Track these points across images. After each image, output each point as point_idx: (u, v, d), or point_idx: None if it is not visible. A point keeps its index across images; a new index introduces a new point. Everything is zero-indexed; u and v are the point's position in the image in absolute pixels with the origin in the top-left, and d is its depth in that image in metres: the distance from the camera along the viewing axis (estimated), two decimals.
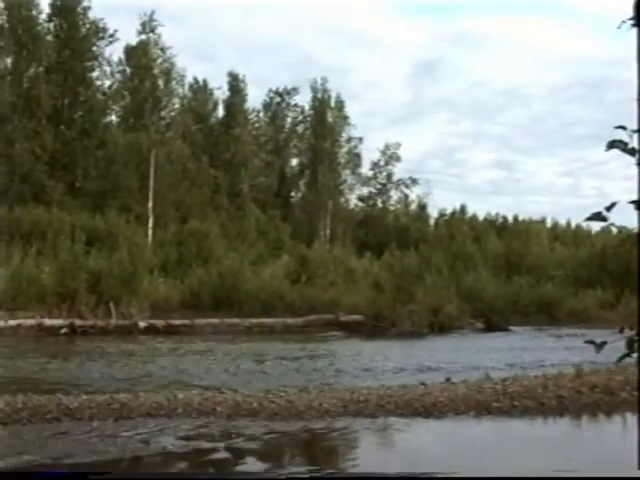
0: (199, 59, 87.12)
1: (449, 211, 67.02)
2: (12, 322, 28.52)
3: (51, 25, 53.64)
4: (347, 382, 18.62)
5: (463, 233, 56.34)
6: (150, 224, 46.71)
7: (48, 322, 28.97)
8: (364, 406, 14.31)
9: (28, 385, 17.06)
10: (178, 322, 30.94)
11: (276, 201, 60.02)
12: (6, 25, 51.29)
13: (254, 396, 14.94)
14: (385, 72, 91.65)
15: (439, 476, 9.99)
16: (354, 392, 15.32)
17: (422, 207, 66.97)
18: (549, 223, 67.68)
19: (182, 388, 16.42)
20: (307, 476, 10.17)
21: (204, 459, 11.34)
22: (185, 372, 20.57)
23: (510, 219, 66.47)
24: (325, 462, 11.71)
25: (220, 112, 62.54)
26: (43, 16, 53.14)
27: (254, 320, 32.02)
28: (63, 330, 28.65)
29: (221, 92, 61.90)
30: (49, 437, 12.06)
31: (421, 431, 13.37)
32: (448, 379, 17.33)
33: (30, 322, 28.78)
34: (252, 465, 11.11)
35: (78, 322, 29.28)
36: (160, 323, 30.34)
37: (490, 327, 34.12)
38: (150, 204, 47.86)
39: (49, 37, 53.33)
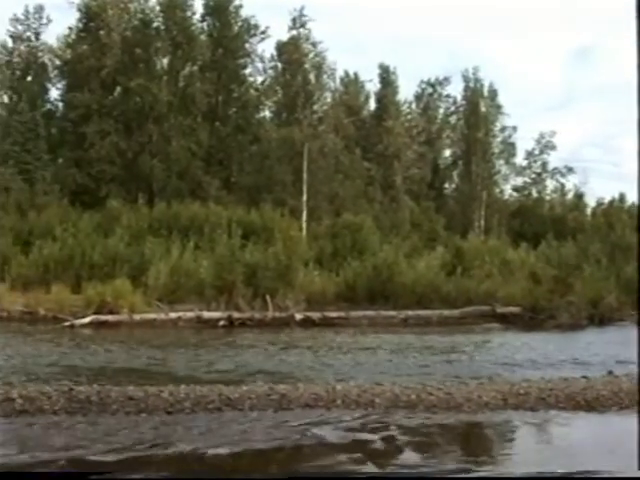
0: (350, 52, 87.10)
1: (607, 200, 65.21)
2: (172, 315, 29.20)
3: (204, 25, 54.72)
4: (505, 374, 18.33)
5: (622, 222, 54.60)
6: (304, 217, 47.08)
7: (207, 315, 29.52)
8: (524, 399, 14.06)
9: (190, 376, 17.39)
10: (334, 314, 31.04)
11: (429, 192, 59.69)
12: (162, 27, 52.62)
13: (412, 388, 14.84)
14: (539, 58, 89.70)
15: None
16: (514, 385, 15.09)
17: (579, 196, 65.35)
18: None
19: (339, 380, 16.45)
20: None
21: (362, 451, 11.29)
22: (342, 363, 20.62)
23: None
24: (482, 456, 11.50)
25: (372, 105, 62.60)
26: (197, 16, 54.34)
27: (410, 312, 31.86)
28: (221, 322, 29.15)
29: (372, 84, 61.97)
30: (211, 426, 12.23)
31: (583, 426, 13.03)
32: (610, 372, 16.85)
33: (189, 315, 29.39)
34: (408, 457, 11.00)
35: (236, 314, 29.73)
36: (316, 315, 30.51)
37: None
38: (304, 197, 48.23)
39: (203, 36, 54.39)
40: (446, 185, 65.17)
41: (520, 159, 64.14)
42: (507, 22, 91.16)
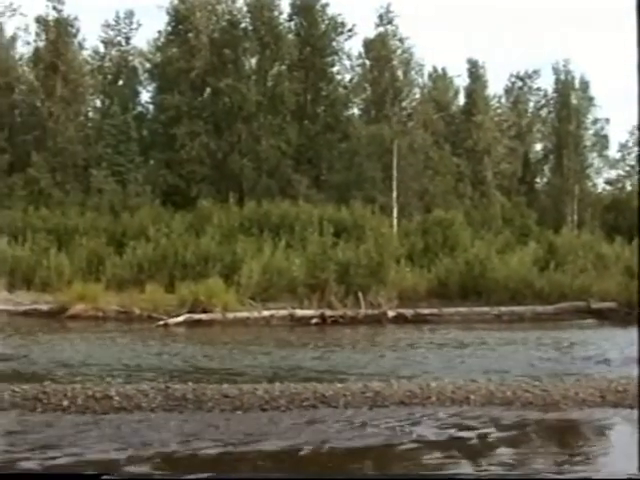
0: (438, 47, 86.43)
1: None
2: (265, 313, 29.34)
3: (292, 24, 54.99)
4: (602, 371, 18.01)
5: None
6: (395, 214, 46.90)
7: (299, 312, 29.58)
8: (623, 396, 13.77)
9: (284, 373, 17.44)
10: (426, 311, 30.89)
11: (521, 187, 58.90)
12: (250, 27, 53.05)
13: (507, 385, 14.71)
14: (631, 48, 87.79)
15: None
16: (612, 381, 14.81)
17: None
18: None
19: (434, 377, 16.33)
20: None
21: (457, 448, 11.18)
22: (436, 360, 20.50)
23: None
24: (579, 454, 11.26)
25: (461, 100, 62.01)
26: (284, 16, 54.64)
27: (503, 308, 31.58)
28: (314, 320, 29.20)
29: (461, 79, 61.46)
30: (306, 423, 12.24)
31: None
32: None
33: (282, 313, 29.49)
34: (504, 455, 10.86)
35: (328, 312, 29.75)
36: (408, 312, 30.37)
37: None
38: (394, 194, 48.03)
39: (290, 36, 54.64)
40: (537, 179, 64.24)
41: (613, 152, 63.00)
42: (597, 12, 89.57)
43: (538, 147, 65.86)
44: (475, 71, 60.01)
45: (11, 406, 12.88)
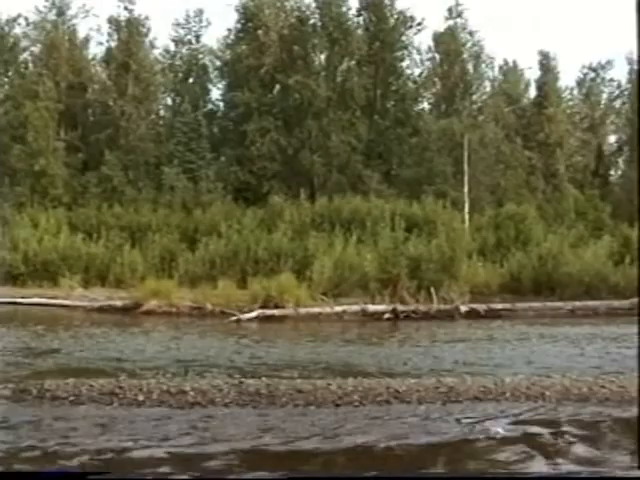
0: (508, 40, 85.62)
1: None
2: (337, 308, 29.31)
3: (360, 19, 55.02)
4: None
5: None
6: (466, 208, 46.65)
7: (371, 308, 29.51)
8: None
9: (357, 368, 17.42)
10: (499, 306, 30.61)
11: (594, 180, 58.22)
12: (318, 23, 53.18)
13: (583, 380, 14.50)
14: None
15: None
16: None
17: None
18: None
19: (511, 372, 16.18)
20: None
21: (531, 445, 11.03)
22: (512, 355, 20.30)
23: None
24: None
25: (532, 92, 61.53)
26: (352, 11, 54.69)
27: (577, 303, 31.14)
28: (386, 315, 29.11)
29: (532, 72, 60.91)
30: (380, 419, 12.21)
31: None
32: None
33: (354, 308, 29.44)
34: (580, 452, 10.68)
35: (400, 307, 29.63)
36: (481, 307, 30.11)
37: None
38: (465, 189, 47.79)
39: (359, 31, 54.71)
40: (611, 172, 63.45)
41: None
42: None
43: (612, 139, 65.03)
44: (546, 63, 59.39)
45: (88, 400, 13.07)
